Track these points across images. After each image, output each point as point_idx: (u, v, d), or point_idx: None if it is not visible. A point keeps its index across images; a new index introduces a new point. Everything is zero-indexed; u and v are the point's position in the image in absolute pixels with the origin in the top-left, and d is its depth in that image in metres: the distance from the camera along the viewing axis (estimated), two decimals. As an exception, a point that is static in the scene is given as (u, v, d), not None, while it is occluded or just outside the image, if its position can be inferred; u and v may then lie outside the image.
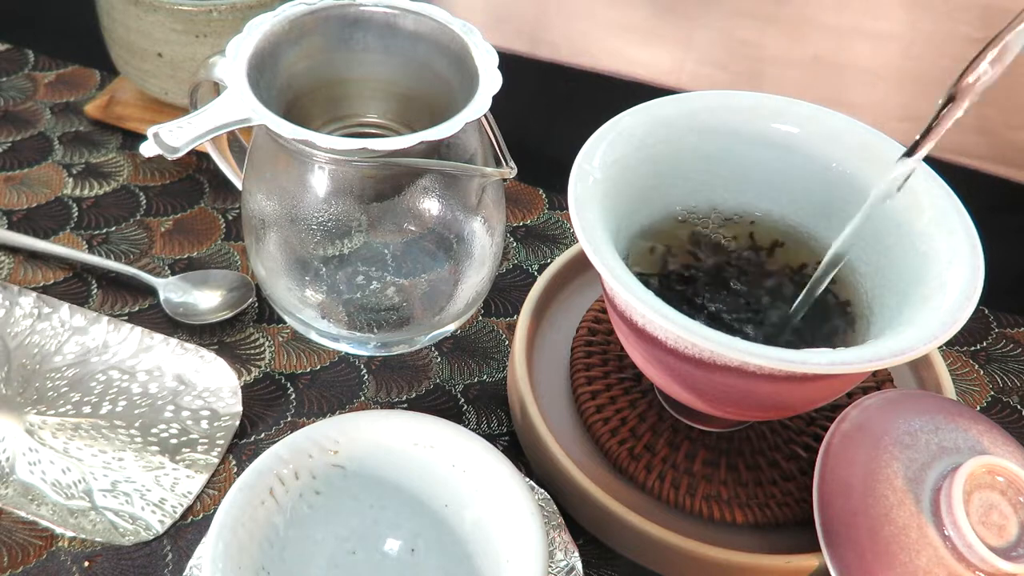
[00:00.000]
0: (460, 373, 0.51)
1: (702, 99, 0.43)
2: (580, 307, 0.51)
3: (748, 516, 0.42)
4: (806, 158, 0.43)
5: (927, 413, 0.39)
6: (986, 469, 0.35)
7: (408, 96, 0.48)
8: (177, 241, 0.57)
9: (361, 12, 0.46)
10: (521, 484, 0.37)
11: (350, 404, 0.49)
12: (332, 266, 0.49)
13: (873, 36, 0.63)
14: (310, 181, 0.43)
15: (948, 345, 0.54)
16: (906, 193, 0.40)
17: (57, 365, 0.49)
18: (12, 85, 0.69)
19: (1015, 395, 0.52)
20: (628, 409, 0.46)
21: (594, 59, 0.72)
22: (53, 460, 0.45)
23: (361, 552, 0.39)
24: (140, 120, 0.64)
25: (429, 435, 0.39)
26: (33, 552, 0.42)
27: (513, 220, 0.60)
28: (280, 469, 0.37)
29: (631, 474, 0.44)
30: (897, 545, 0.35)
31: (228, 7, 0.56)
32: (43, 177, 0.61)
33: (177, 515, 0.44)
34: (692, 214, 0.44)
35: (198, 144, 0.39)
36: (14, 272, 0.55)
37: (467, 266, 0.48)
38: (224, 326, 0.52)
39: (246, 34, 0.43)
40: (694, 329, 0.34)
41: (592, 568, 0.43)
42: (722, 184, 0.44)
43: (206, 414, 0.47)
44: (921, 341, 0.34)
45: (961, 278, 0.36)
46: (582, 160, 0.39)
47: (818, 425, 0.46)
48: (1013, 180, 0.64)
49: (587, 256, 0.36)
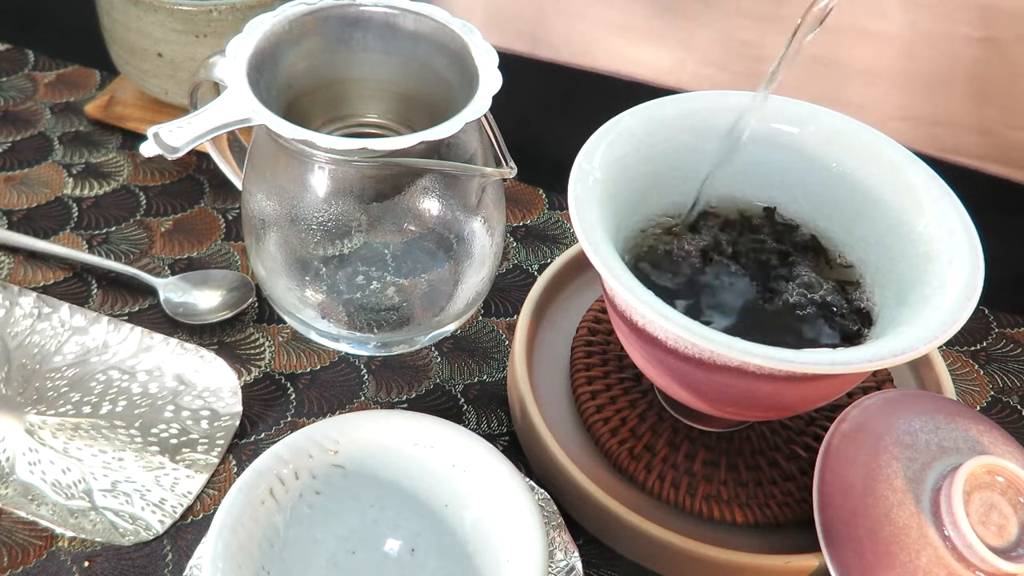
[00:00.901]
0: (460, 373, 0.51)
1: (702, 99, 0.43)
2: (580, 307, 0.51)
3: (748, 516, 0.42)
4: (806, 158, 0.43)
5: (927, 413, 0.39)
6: (986, 469, 0.35)
7: (408, 96, 0.48)
8: (177, 241, 0.57)
9: (361, 12, 0.46)
10: (521, 484, 0.37)
11: (350, 404, 0.49)
12: (332, 266, 0.49)
13: (873, 36, 0.63)
14: (310, 181, 0.43)
15: (948, 345, 0.54)
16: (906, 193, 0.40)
17: (57, 365, 0.49)
18: (12, 85, 0.69)
19: (1015, 395, 0.52)
20: (628, 409, 0.46)
21: (594, 59, 0.72)
22: (53, 460, 0.45)
23: (361, 552, 0.39)
24: (140, 120, 0.64)
25: (429, 435, 0.39)
26: (33, 552, 0.42)
27: (513, 220, 0.60)
28: (280, 469, 0.37)
29: (631, 474, 0.44)
30: (897, 545, 0.35)
31: (228, 7, 0.56)
32: (43, 177, 0.61)
33: (177, 515, 0.44)
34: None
35: (198, 144, 0.39)
36: (14, 272, 0.55)
37: (467, 266, 0.48)
38: (224, 326, 0.52)
39: (246, 34, 0.43)
40: (694, 329, 0.34)
41: (592, 568, 0.43)
42: (722, 184, 0.44)
43: (206, 414, 0.47)
44: (921, 341, 0.34)
45: (961, 278, 0.36)
46: (582, 160, 0.39)
47: (818, 425, 0.46)
48: (1013, 180, 0.64)
49: (587, 256, 0.36)
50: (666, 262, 0.43)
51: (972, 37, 0.59)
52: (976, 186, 0.59)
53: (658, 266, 0.43)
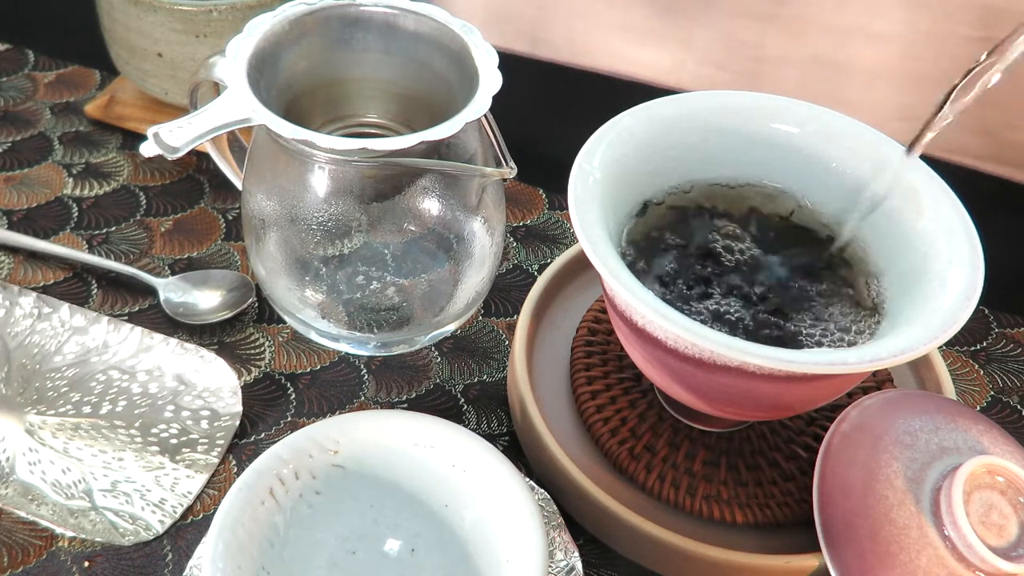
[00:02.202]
0: (460, 373, 0.51)
1: (702, 99, 0.43)
2: (580, 307, 0.51)
3: (748, 516, 0.42)
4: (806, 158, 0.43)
5: (927, 413, 0.39)
6: (986, 469, 0.35)
7: (408, 96, 0.48)
8: (177, 241, 0.57)
9: (361, 12, 0.46)
10: (521, 484, 0.37)
11: (350, 404, 0.49)
12: (332, 266, 0.49)
13: (873, 36, 0.63)
14: (310, 181, 0.43)
15: (948, 345, 0.54)
16: (906, 193, 0.40)
17: (57, 365, 0.49)
18: (12, 85, 0.69)
19: (1015, 395, 0.52)
20: (628, 409, 0.46)
21: (594, 59, 0.72)
22: (53, 460, 0.45)
23: (361, 552, 0.39)
24: (140, 120, 0.64)
25: (429, 435, 0.39)
26: (33, 552, 0.42)
27: (513, 220, 0.60)
28: (280, 469, 0.37)
29: (631, 474, 0.44)
30: (897, 545, 0.35)
31: (228, 7, 0.56)
32: (43, 177, 0.61)
33: (177, 515, 0.44)
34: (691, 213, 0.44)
35: (198, 144, 0.39)
36: (14, 272, 0.55)
37: (467, 266, 0.48)
38: (224, 326, 0.52)
39: (246, 34, 0.43)
40: (694, 329, 0.34)
41: (592, 568, 0.43)
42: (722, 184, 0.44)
43: (206, 414, 0.47)
44: (921, 341, 0.34)
45: (961, 278, 0.36)
46: (582, 160, 0.39)
47: (818, 425, 0.46)
48: (1013, 180, 0.64)
49: (587, 256, 0.36)
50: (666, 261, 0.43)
51: (972, 37, 0.59)
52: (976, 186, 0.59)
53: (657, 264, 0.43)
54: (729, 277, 0.43)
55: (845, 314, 0.41)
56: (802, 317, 0.41)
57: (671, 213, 0.44)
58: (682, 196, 0.44)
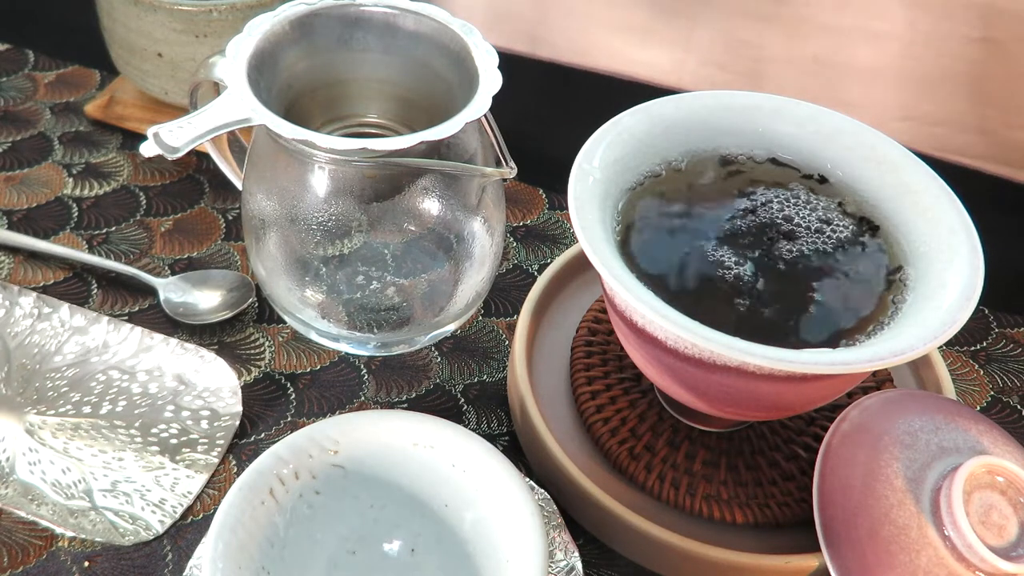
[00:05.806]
0: (460, 373, 0.51)
1: (702, 99, 0.43)
2: (580, 307, 0.51)
3: (748, 516, 0.42)
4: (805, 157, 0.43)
5: (927, 413, 0.39)
6: (986, 469, 0.35)
7: (408, 96, 0.48)
8: (177, 241, 0.57)
9: (361, 12, 0.46)
10: (521, 484, 0.37)
11: (350, 404, 0.49)
12: (332, 266, 0.49)
13: (872, 36, 0.63)
14: (310, 181, 0.43)
15: (948, 345, 0.54)
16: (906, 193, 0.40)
17: (57, 365, 0.49)
18: (12, 85, 0.69)
19: (1015, 395, 0.52)
20: (628, 409, 0.46)
21: (594, 59, 0.72)
22: (53, 460, 0.45)
23: (361, 552, 0.39)
24: (140, 120, 0.64)
25: (429, 435, 0.39)
26: (33, 552, 0.42)
27: (513, 220, 0.60)
28: (280, 469, 0.37)
29: (631, 474, 0.44)
30: (897, 545, 0.35)
31: (228, 7, 0.56)
32: (43, 177, 0.61)
33: (177, 515, 0.44)
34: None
35: (198, 144, 0.39)
36: (14, 272, 0.55)
37: (467, 266, 0.48)
38: (224, 326, 0.52)
39: (246, 34, 0.43)
40: (694, 329, 0.34)
41: (592, 568, 0.43)
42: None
43: (206, 414, 0.47)
44: (921, 341, 0.34)
45: (961, 278, 0.36)
46: (582, 160, 0.39)
47: (818, 425, 0.46)
48: (1013, 180, 0.65)
49: (587, 256, 0.36)
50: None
51: (972, 37, 0.59)
52: (976, 186, 0.59)
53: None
54: (728, 272, 0.43)
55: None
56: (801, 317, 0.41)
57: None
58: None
